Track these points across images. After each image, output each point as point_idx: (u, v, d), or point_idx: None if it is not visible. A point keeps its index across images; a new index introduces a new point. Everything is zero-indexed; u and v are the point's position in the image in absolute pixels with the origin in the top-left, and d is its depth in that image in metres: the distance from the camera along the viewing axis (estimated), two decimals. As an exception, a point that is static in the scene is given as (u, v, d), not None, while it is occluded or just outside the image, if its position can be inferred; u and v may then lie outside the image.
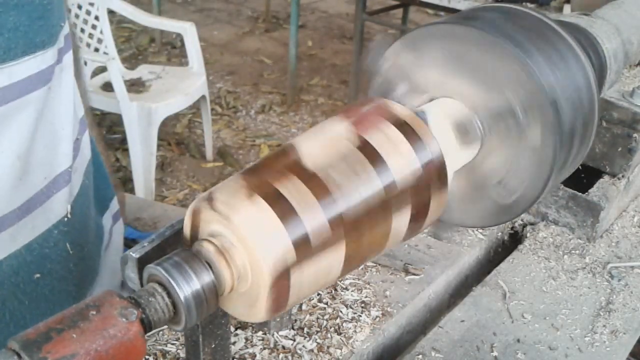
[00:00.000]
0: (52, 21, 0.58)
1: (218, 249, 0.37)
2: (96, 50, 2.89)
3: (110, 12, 2.94)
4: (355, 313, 0.70)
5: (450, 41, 0.48)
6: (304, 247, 0.37)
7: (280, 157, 0.41)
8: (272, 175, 0.39)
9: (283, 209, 0.37)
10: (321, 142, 0.42)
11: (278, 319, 0.66)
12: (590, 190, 0.87)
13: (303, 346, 0.65)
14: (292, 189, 0.38)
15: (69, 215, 0.64)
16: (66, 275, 0.65)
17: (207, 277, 0.36)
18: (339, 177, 0.40)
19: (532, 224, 0.92)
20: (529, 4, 2.41)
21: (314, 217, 0.38)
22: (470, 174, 0.51)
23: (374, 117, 0.44)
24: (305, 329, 0.67)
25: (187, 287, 0.35)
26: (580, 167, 0.57)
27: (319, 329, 0.68)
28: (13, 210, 0.57)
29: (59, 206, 0.63)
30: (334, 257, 0.40)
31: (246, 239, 0.36)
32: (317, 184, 0.39)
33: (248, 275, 0.37)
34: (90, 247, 0.71)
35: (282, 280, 0.37)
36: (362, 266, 0.78)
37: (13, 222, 0.57)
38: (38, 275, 0.61)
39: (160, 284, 0.35)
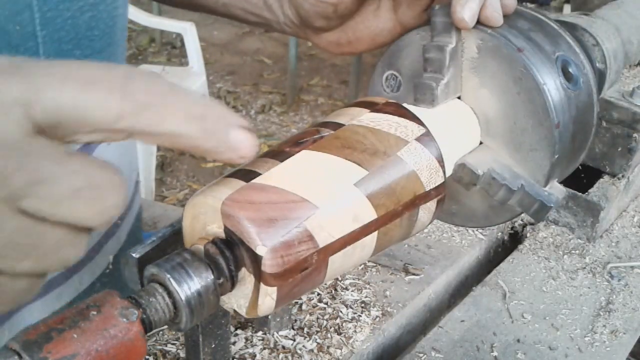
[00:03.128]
0: None
1: (218, 247, 0.37)
2: (96, 50, 2.88)
3: (110, 12, 2.94)
4: (355, 313, 0.70)
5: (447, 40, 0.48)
6: (304, 239, 0.37)
7: (279, 152, 0.41)
8: (268, 170, 0.39)
9: (282, 202, 0.37)
10: (324, 138, 0.42)
11: (278, 319, 0.66)
12: (590, 190, 0.87)
13: (303, 346, 0.65)
14: (292, 184, 0.38)
15: (110, 267, 0.62)
16: None
17: (208, 277, 0.36)
18: (337, 175, 0.40)
19: (532, 224, 0.92)
20: (528, 4, 2.41)
21: (314, 211, 0.38)
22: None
23: (373, 116, 0.44)
24: (305, 329, 0.67)
25: (188, 287, 0.35)
26: (580, 167, 0.57)
27: (319, 329, 0.68)
28: (62, 272, 0.55)
29: (104, 259, 0.61)
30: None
31: (246, 236, 0.36)
32: (317, 180, 0.39)
33: (249, 271, 0.37)
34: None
35: (283, 275, 0.37)
36: (361, 266, 0.78)
37: (61, 283, 0.56)
38: None
39: (161, 284, 0.35)
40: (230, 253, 0.36)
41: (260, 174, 0.37)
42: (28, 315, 0.54)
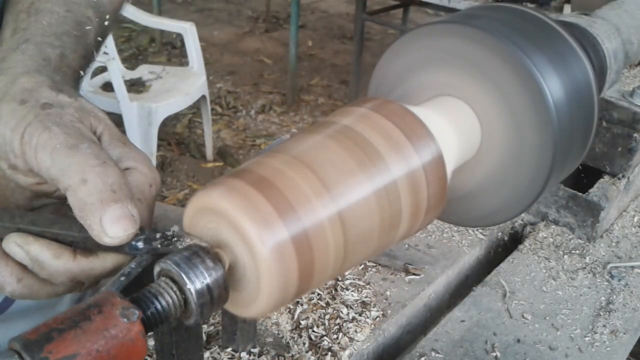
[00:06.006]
0: None
1: (217, 247, 0.37)
2: (96, 50, 2.88)
3: (110, 12, 2.94)
4: (355, 313, 0.70)
5: (448, 40, 0.48)
6: (302, 239, 0.38)
7: (278, 153, 0.41)
8: (268, 170, 0.39)
9: (280, 202, 0.37)
10: (319, 140, 0.42)
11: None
12: (590, 190, 0.87)
13: (304, 346, 0.65)
14: (290, 184, 0.38)
15: None
16: None
17: (208, 277, 0.36)
18: (337, 175, 0.40)
19: (532, 224, 0.92)
20: (529, 4, 2.41)
21: (310, 211, 0.38)
22: (471, 173, 0.51)
23: (373, 116, 0.44)
24: (306, 329, 0.67)
25: (194, 284, 0.35)
26: (580, 167, 0.57)
27: (319, 329, 0.68)
28: None
29: None
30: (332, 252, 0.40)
31: (245, 233, 0.36)
32: (315, 180, 0.39)
33: (247, 268, 0.37)
34: None
35: (282, 273, 0.37)
36: (362, 266, 0.78)
37: None
38: None
39: (172, 278, 0.35)
40: None
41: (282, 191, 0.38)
42: None
